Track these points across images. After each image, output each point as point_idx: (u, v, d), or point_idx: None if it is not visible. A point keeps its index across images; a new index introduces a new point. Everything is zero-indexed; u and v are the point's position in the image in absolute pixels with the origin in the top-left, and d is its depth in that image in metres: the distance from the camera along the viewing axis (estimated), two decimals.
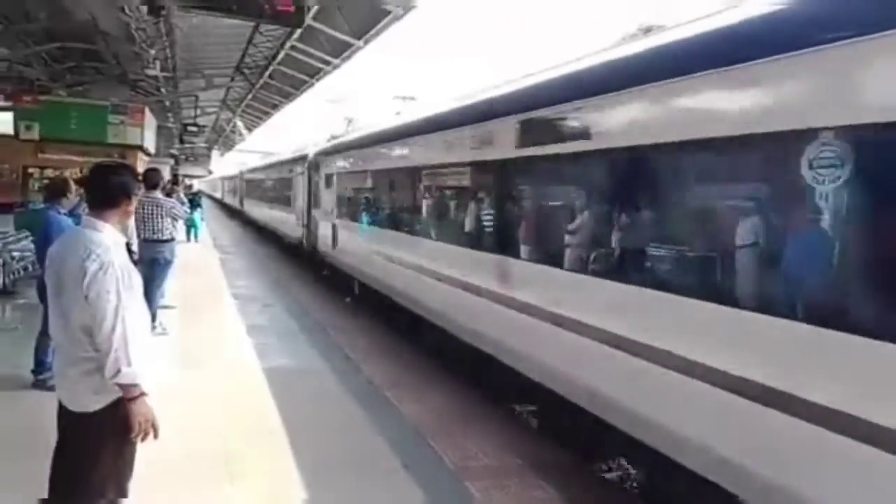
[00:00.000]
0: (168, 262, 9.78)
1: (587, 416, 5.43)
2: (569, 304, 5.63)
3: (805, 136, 3.61)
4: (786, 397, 3.60)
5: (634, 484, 6.00)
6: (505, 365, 6.78)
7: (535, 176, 6.70)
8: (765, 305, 3.87)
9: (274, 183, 25.14)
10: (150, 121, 24.04)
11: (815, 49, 3.62)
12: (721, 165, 4.48)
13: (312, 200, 17.14)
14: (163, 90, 24.30)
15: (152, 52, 17.51)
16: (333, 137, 17.98)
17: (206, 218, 31.28)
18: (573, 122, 5.75)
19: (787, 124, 3.75)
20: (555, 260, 5.96)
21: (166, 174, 24.91)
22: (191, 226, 22.58)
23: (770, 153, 3.99)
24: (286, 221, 21.12)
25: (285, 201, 21.51)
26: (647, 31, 5.87)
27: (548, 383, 6.01)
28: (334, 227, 14.33)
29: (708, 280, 4.38)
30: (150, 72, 19.60)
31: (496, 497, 5.11)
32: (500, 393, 7.53)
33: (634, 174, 5.15)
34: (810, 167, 3.58)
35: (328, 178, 15.31)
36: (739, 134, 4.03)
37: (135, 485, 3.42)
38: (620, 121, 5.20)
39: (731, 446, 3.99)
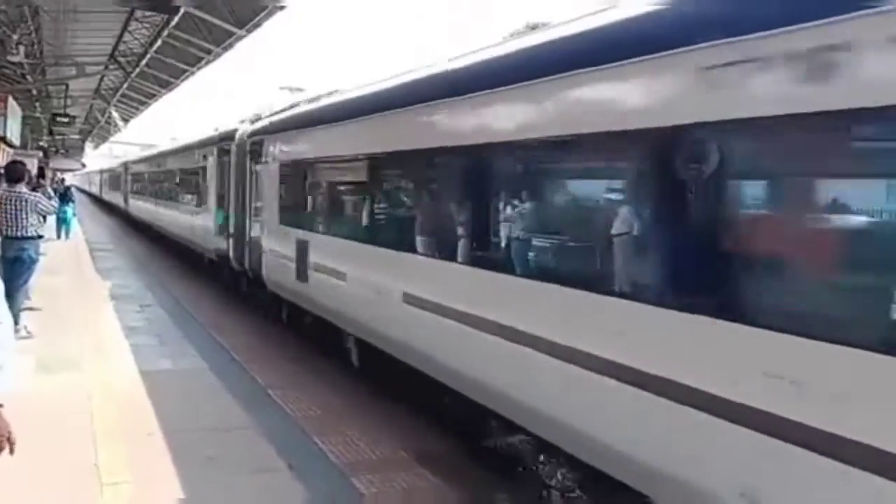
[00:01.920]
0: (33, 261, 9.19)
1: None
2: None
3: None
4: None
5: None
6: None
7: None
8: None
9: (109, 178, 43.61)
10: (13, 110, 22.48)
11: None
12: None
13: (129, 188, 31.87)
14: (28, 78, 22.76)
15: (15, 36, 16.35)
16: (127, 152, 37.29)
17: (79, 214, 29.78)
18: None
19: None
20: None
21: (33, 167, 23.42)
22: (62, 222, 21.39)
23: None
24: (118, 200, 36.45)
25: (117, 188, 37.24)
26: (534, 28, 6.00)
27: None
28: (133, 201, 30.08)
29: None
30: (14, 58, 18.22)
31: (382, 491, 5.12)
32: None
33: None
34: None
35: (133, 175, 30.51)
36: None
37: None
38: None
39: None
